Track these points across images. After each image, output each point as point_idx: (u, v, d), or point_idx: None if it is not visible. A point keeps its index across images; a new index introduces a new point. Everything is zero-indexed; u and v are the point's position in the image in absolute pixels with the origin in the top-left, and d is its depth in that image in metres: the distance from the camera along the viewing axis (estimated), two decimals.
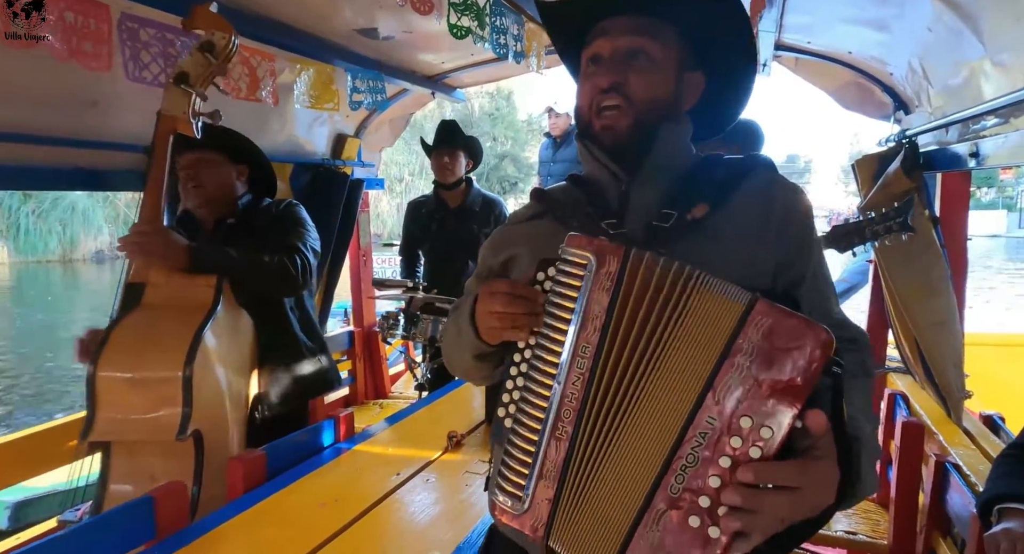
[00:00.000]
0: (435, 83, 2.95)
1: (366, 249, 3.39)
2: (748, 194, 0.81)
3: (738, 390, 0.60)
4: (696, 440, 0.61)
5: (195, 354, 1.41)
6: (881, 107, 2.42)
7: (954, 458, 1.64)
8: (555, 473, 0.67)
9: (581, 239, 0.70)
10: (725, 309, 0.62)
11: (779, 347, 0.59)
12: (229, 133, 1.82)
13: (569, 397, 0.67)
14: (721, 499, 0.60)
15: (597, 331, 0.67)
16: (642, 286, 0.66)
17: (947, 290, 1.97)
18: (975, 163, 1.56)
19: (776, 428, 0.58)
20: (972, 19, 1.36)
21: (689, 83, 0.86)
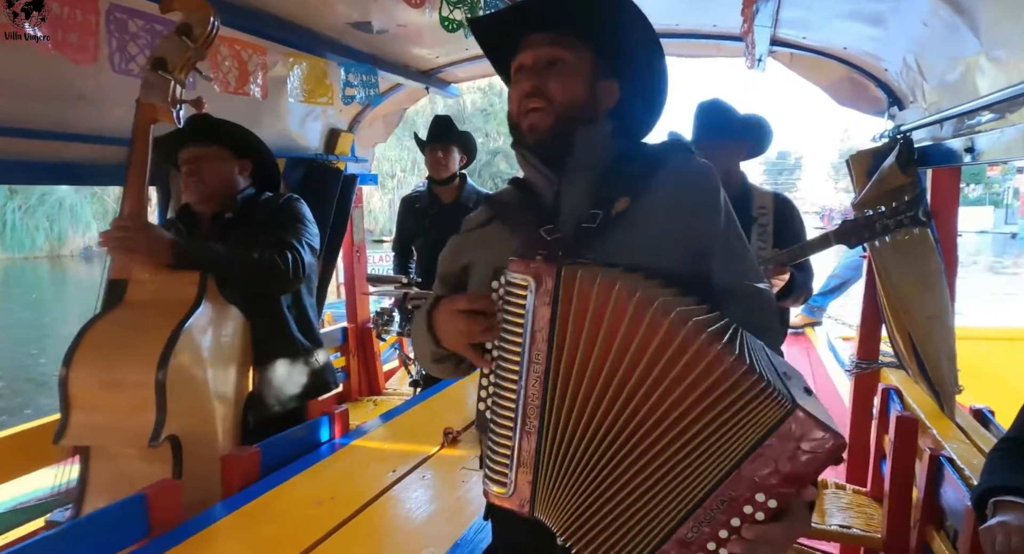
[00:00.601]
0: (429, 78, 2.93)
1: (360, 245, 3.37)
2: (664, 180, 0.93)
3: (757, 474, 0.73)
4: (719, 502, 0.74)
5: (169, 357, 1.37)
6: (875, 103, 2.43)
7: (948, 452, 1.65)
8: (530, 461, 0.81)
9: (520, 264, 0.81)
10: (767, 409, 0.72)
11: (802, 449, 0.72)
12: (233, 127, 1.78)
13: (532, 397, 0.81)
14: (726, 545, 0.74)
15: (544, 341, 0.80)
16: (581, 297, 0.78)
17: (941, 284, 1.98)
18: (970, 158, 1.57)
19: (781, 502, 0.73)
20: (968, 14, 1.36)
21: (604, 89, 0.97)
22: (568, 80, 0.93)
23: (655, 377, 0.75)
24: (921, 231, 1.90)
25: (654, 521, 0.76)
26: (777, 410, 0.72)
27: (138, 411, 1.35)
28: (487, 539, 1.26)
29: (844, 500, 2.19)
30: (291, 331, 1.81)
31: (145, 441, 1.34)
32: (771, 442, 0.72)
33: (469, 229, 1.06)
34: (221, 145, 1.74)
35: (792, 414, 0.72)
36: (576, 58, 0.94)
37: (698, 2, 2.27)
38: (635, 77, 0.99)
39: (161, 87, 1.46)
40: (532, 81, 0.93)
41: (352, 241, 3.27)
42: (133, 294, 1.50)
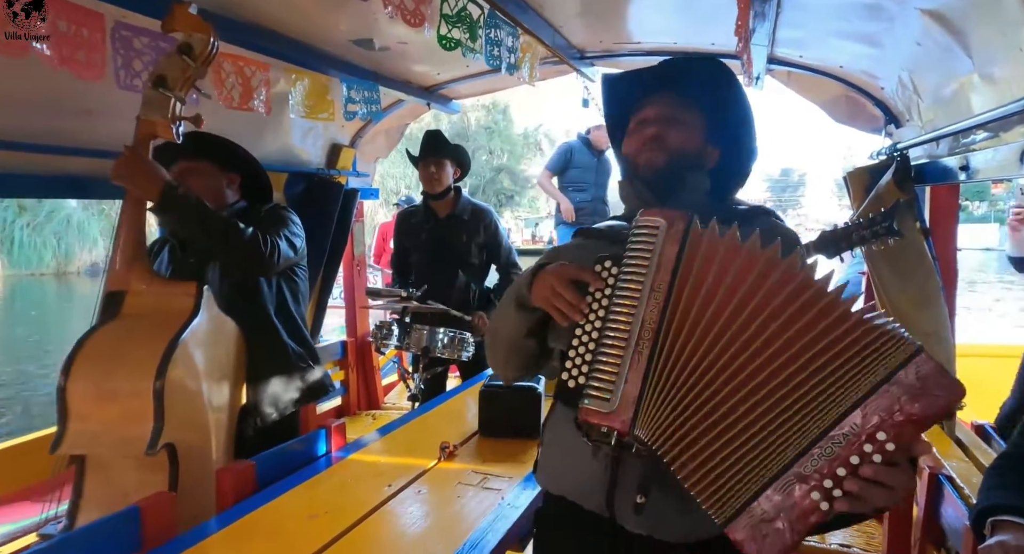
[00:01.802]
0: (430, 94, 2.97)
1: (360, 259, 3.39)
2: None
3: (883, 411, 0.76)
4: (837, 438, 0.77)
5: (167, 366, 1.38)
6: (872, 120, 2.45)
7: (948, 471, 1.64)
8: (638, 378, 0.85)
9: (653, 211, 0.91)
10: (899, 347, 0.77)
11: (927, 389, 0.75)
12: (218, 141, 1.81)
13: (648, 322, 0.86)
14: (842, 484, 0.76)
15: (668, 273, 0.86)
16: (710, 244, 0.86)
17: (939, 301, 1.98)
18: (965, 176, 1.58)
19: (900, 446, 0.75)
20: (960, 34, 1.38)
21: (708, 153, 1.12)
22: (685, 135, 1.09)
23: (787, 316, 0.80)
24: (918, 248, 1.91)
25: (770, 451, 0.78)
26: (904, 350, 0.76)
27: (136, 419, 1.36)
28: (483, 553, 1.25)
29: None
30: (282, 339, 1.82)
31: (142, 449, 1.34)
32: (897, 379, 0.75)
33: (564, 248, 1.19)
34: (208, 160, 1.77)
35: (919, 354, 0.76)
36: (692, 120, 1.10)
37: (696, 21, 2.30)
38: (731, 149, 1.13)
39: (161, 104, 1.49)
40: (655, 131, 1.08)
41: (352, 255, 3.29)
42: (131, 305, 1.51)
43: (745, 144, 1.14)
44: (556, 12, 2.16)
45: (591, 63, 2.70)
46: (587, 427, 0.91)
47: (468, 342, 2.70)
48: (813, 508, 0.76)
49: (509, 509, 1.43)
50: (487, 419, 1.91)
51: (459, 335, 2.68)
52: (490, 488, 1.54)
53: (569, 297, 0.93)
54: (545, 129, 39.32)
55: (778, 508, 0.77)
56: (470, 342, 2.71)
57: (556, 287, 0.94)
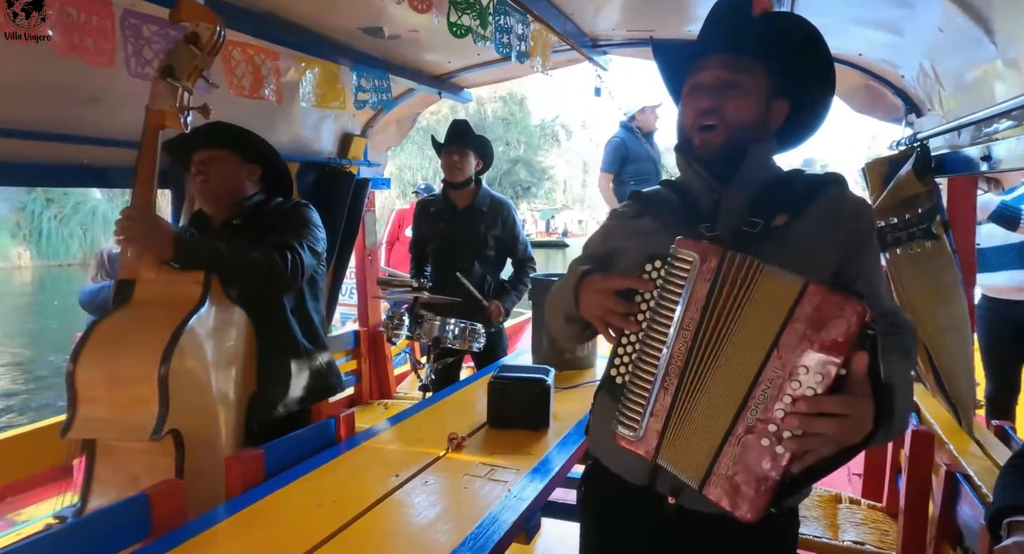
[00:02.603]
0: (442, 83, 2.95)
1: (372, 248, 3.39)
2: (821, 206, 0.99)
3: (797, 347, 0.81)
4: (766, 384, 0.83)
5: (171, 353, 1.39)
6: (892, 110, 2.39)
7: (965, 469, 1.61)
8: (663, 412, 0.91)
9: (689, 242, 0.91)
10: (787, 288, 0.83)
11: (826, 315, 0.79)
12: (243, 133, 1.82)
13: (676, 358, 0.90)
14: (784, 425, 0.81)
15: (699, 311, 0.89)
16: (734, 276, 0.87)
17: (958, 296, 1.93)
18: (987, 167, 1.53)
19: (825, 375, 0.79)
20: (983, 19, 1.33)
21: (775, 109, 1.03)
22: (744, 103, 0.99)
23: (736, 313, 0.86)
24: (936, 242, 1.86)
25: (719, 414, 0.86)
26: (792, 287, 0.81)
27: (141, 405, 1.38)
28: (488, 546, 1.25)
29: (859, 515, 2.13)
30: (294, 334, 1.83)
31: (147, 434, 1.36)
32: (796, 315, 0.81)
33: (618, 219, 1.14)
34: (231, 149, 1.78)
35: (807, 287, 0.81)
36: (752, 80, 1.00)
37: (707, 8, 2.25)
38: (804, 95, 1.04)
39: (169, 94, 1.50)
40: (710, 100, 1.00)
41: (364, 245, 3.29)
42: (140, 293, 1.53)
43: (819, 86, 1.03)
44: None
45: (604, 51, 2.66)
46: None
47: (479, 333, 2.70)
48: (767, 453, 0.82)
49: (515, 501, 1.42)
50: (496, 411, 1.91)
51: (470, 326, 2.68)
52: (497, 480, 1.54)
53: (620, 312, 0.95)
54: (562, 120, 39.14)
55: (737, 461, 0.85)
56: (481, 333, 2.70)
57: (605, 303, 0.96)
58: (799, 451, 0.81)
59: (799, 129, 1.08)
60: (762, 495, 0.83)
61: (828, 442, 0.80)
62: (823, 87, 1.04)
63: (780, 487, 0.83)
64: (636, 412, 0.93)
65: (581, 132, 41.33)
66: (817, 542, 1.94)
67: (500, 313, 2.83)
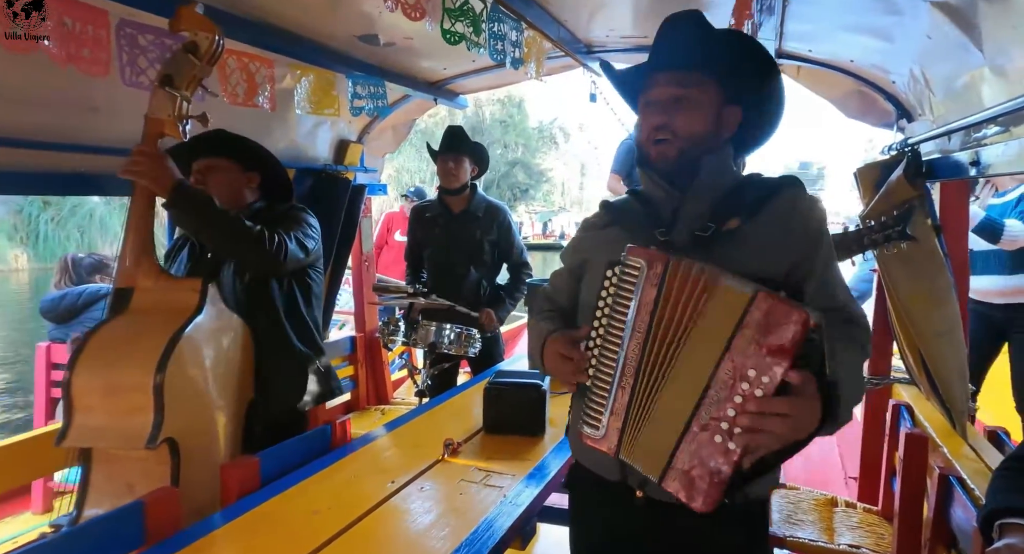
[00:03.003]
0: (437, 89, 2.96)
1: (368, 255, 3.40)
2: (775, 209, 1.04)
3: (746, 351, 0.88)
4: (719, 385, 0.90)
5: (167, 360, 1.40)
6: (884, 115, 2.40)
7: (959, 472, 1.61)
8: (622, 411, 0.99)
9: (637, 249, 0.99)
10: (738, 297, 0.90)
11: (774, 322, 0.86)
12: (242, 141, 1.83)
13: (630, 360, 0.98)
14: (735, 423, 0.89)
15: (648, 315, 0.96)
16: (681, 283, 0.94)
17: (951, 300, 1.94)
18: (976, 171, 1.54)
19: (772, 377, 0.86)
20: (971, 26, 1.35)
21: (727, 117, 1.08)
22: (693, 116, 1.04)
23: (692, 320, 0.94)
24: (929, 245, 1.87)
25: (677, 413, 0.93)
26: (743, 297, 0.88)
27: (136, 413, 1.37)
28: (483, 551, 1.25)
29: (854, 519, 2.14)
30: (290, 340, 1.83)
31: (143, 442, 1.36)
32: (746, 322, 0.88)
33: (588, 229, 1.21)
34: (230, 158, 1.80)
35: (756, 295, 0.88)
36: (701, 92, 1.05)
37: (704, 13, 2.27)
38: (756, 101, 1.09)
39: (168, 103, 1.51)
40: (660, 116, 1.05)
41: (361, 251, 3.30)
42: (138, 301, 1.54)
43: (769, 91, 1.08)
44: (561, 6, 2.14)
45: (598, 58, 2.68)
46: None
47: (475, 338, 2.70)
48: (721, 449, 0.90)
49: (511, 506, 1.43)
50: (491, 416, 1.91)
51: (466, 331, 2.68)
52: (493, 485, 1.55)
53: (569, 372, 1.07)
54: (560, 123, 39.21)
55: (692, 456, 0.92)
56: (477, 338, 2.71)
57: (561, 367, 1.08)
58: (749, 447, 0.89)
59: (755, 132, 1.13)
60: (715, 487, 0.90)
61: (776, 439, 0.88)
62: (771, 92, 1.08)
63: (732, 480, 0.90)
64: (597, 411, 1.01)
65: (579, 135, 41.42)
66: (813, 546, 1.94)
67: (492, 322, 2.84)
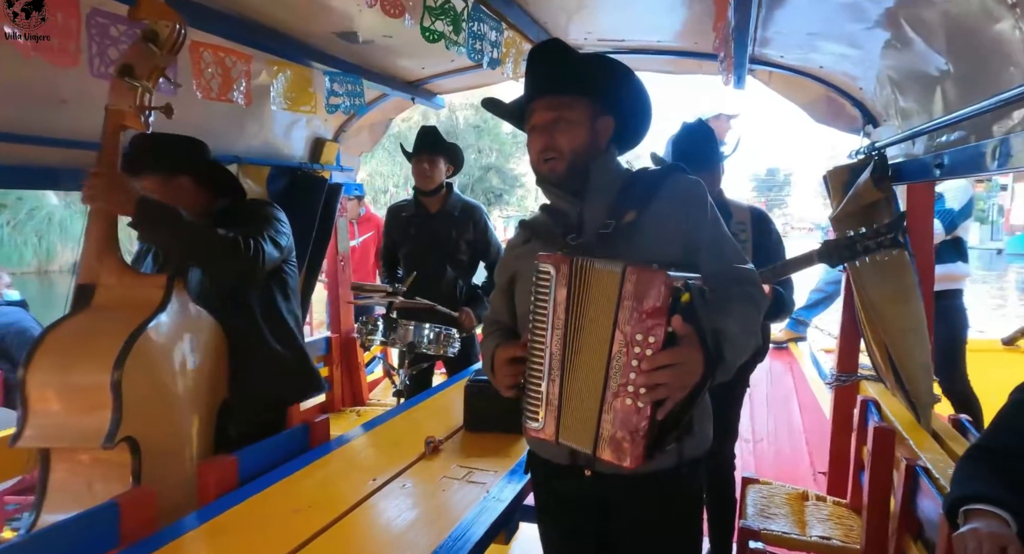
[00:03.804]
0: (415, 89, 2.96)
1: (344, 255, 3.37)
2: (664, 195, 1.18)
3: (630, 319, 1.00)
4: (617, 355, 1.02)
5: (126, 356, 1.35)
6: (851, 121, 2.48)
7: (924, 462, 1.67)
8: (555, 400, 1.09)
9: (545, 256, 1.09)
10: (612, 276, 1.02)
11: (643, 290, 0.99)
12: (156, 149, 1.68)
13: (555, 354, 1.08)
14: (637, 383, 1.00)
15: (563, 312, 1.07)
16: (586, 279, 1.05)
17: (916, 297, 2.01)
18: (940, 173, 1.61)
19: (656, 336, 0.99)
20: (934, 33, 1.41)
21: (602, 127, 1.21)
22: (571, 132, 1.18)
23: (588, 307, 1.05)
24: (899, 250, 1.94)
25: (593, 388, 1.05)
26: (615, 274, 1.00)
27: (94, 410, 1.32)
28: (466, 547, 1.25)
29: (824, 512, 2.20)
30: (265, 338, 1.79)
31: (100, 441, 1.31)
32: (623, 294, 0.99)
33: (512, 248, 1.33)
34: (152, 173, 1.68)
35: (625, 270, 0.99)
36: (574, 112, 1.18)
37: (680, 22, 2.32)
38: (623, 107, 1.23)
39: (128, 93, 1.47)
40: (543, 139, 1.18)
41: (337, 250, 3.26)
42: (100, 298, 1.48)
43: (632, 96, 1.22)
44: (541, 8, 2.17)
45: None
46: None
47: (454, 338, 2.70)
48: (633, 410, 1.01)
49: (494, 502, 1.43)
50: (473, 414, 1.91)
51: (445, 331, 2.68)
52: (475, 482, 1.55)
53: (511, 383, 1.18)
54: None
55: (613, 423, 1.03)
56: (456, 338, 2.71)
57: (503, 377, 1.18)
58: (655, 400, 1.00)
59: (631, 132, 1.27)
60: (638, 444, 1.01)
61: (674, 388, 1.00)
62: (633, 97, 1.23)
63: (652, 433, 1.01)
64: (535, 405, 1.11)
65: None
66: (786, 538, 1.99)
67: (472, 321, 2.84)
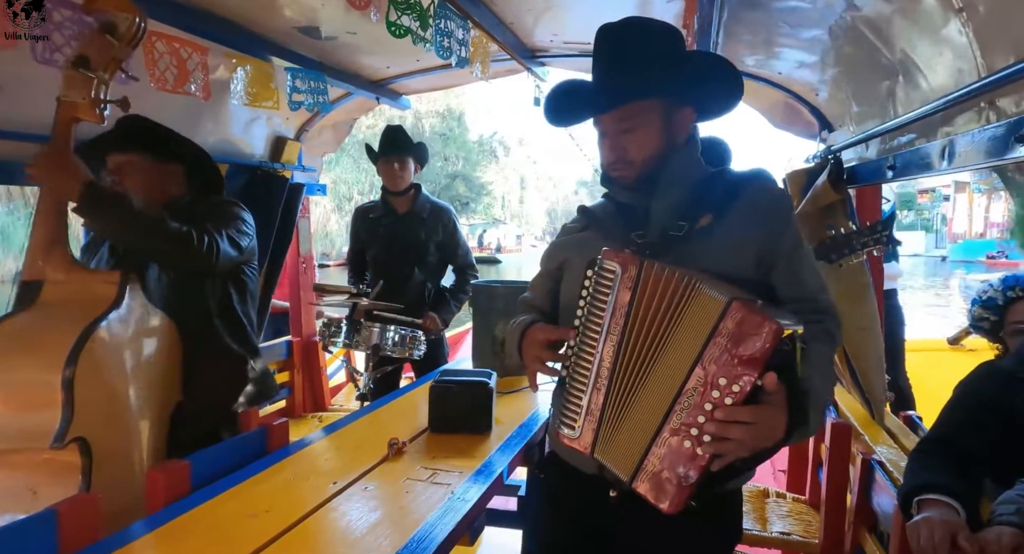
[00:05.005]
0: (380, 88, 2.92)
1: (307, 256, 3.29)
2: (744, 203, 1.07)
3: (718, 359, 0.90)
4: (690, 392, 0.92)
5: (79, 353, 1.29)
6: (808, 126, 2.56)
7: (878, 456, 1.72)
8: (597, 412, 1.01)
9: (611, 253, 1.00)
10: (713, 305, 0.91)
11: (745, 332, 0.87)
12: (159, 132, 1.70)
13: (605, 361, 1.00)
14: (704, 430, 0.90)
15: (622, 317, 0.98)
16: (654, 286, 0.96)
17: (871, 297, 2.08)
18: (892, 175, 1.66)
19: (742, 385, 0.88)
20: (887, 40, 1.46)
21: (679, 121, 1.10)
22: (643, 138, 1.07)
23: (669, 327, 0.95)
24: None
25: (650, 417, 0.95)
26: (716, 305, 0.89)
27: (42, 409, 1.26)
28: (430, 548, 1.22)
29: (785, 508, 2.24)
30: (222, 339, 1.74)
31: (48, 440, 1.25)
32: (719, 330, 0.89)
33: (568, 233, 1.23)
34: (145, 152, 1.66)
35: (730, 305, 0.88)
36: (645, 116, 1.07)
37: None
38: (704, 90, 1.10)
39: (83, 85, 1.42)
40: (611, 150, 1.10)
41: (298, 252, 3.19)
42: (47, 295, 1.42)
43: (712, 80, 1.09)
44: (507, 8, 2.17)
45: (541, 62, 2.72)
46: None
47: (420, 340, 2.66)
48: (690, 454, 0.92)
49: (459, 503, 1.40)
50: (438, 415, 1.88)
51: (411, 333, 2.63)
52: (440, 483, 1.52)
53: (546, 360, 1.09)
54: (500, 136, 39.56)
55: (662, 460, 0.94)
56: (422, 340, 2.67)
57: (537, 354, 1.09)
58: (716, 453, 0.90)
59: (717, 106, 1.13)
60: (683, 491, 0.93)
61: (742, 446, 0.90)
62: (711, 77, 1.09)
63: (699, 483, 0.92)
64: (574, 411, 1.02)
65: (519, 148, 41.89)
66: (748, 534, 2.02)
67: (436, 326, 2.81)
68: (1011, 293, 1.68)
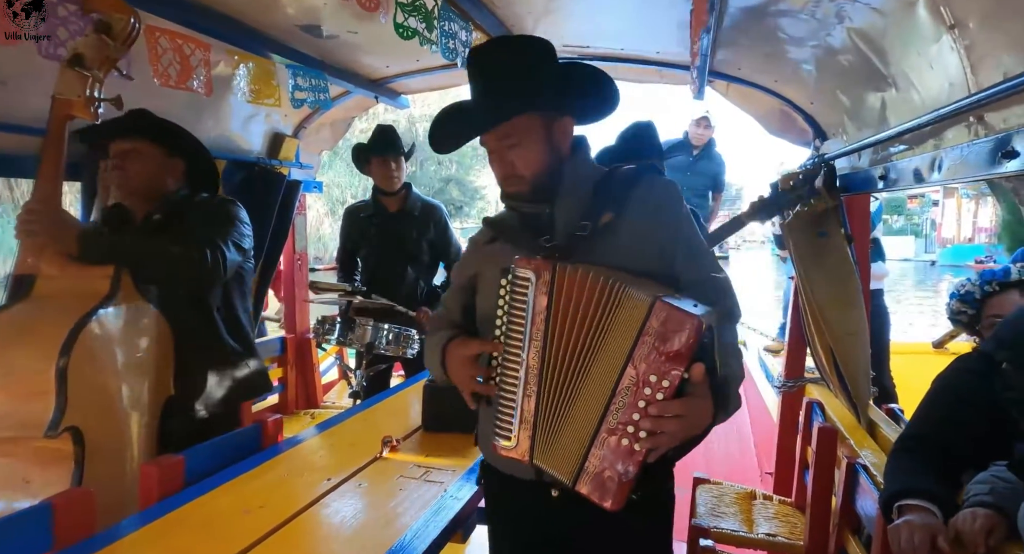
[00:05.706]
0: (379, 87, 2.92)
1: (302, 254, 3.30)
2: (638, 198, 1.12)
3: (647, 357, 0.93)
4: (624, 391, 0.95)
5: (73, 343, 1.31)
6: (802, 134, 2.59)
7: (863, 460, 1.75)
8: (530, 418, 1.02)
9: (524, 260, 1.03)
10: (638, 305, 0.94)
11: (670, 330, 0.91)
12: (166, 125, 1.74)
13: (532, 367, 1.01)
14: (639, 427, 0.94)
15: (543, 322, 1.00)
16: (569, 288, 0.98)
17: (859, 302, 2.11)
18: (884, 185, 1.69)
19: (671, 380, 0.92)
20: (880, 52, 1.49)
21: (560, 130, 1.13)
22: (527, 152, 1.10)
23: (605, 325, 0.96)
24: (842, 252, 2.04)
25: (587, 419, 0.97)
26: (642, 306, 0.93)
27: (36, 398, 1.28)
28: (423, 546, 1.24)
29: (771, 510, 2.27)
30: (220, 334, 1.75)
31: (42, 429, 1.26)
32: (646, 330, 0.92)
33: (475, 247, 1.25)
34: (152, 142, 1.70)
35: (655, 304, 0.91)
36: (526, 130, 1.09)
37: (645, 30, 2.38)
38: (578, 97, 1.13)
39: (78, 83, 1.44)
40: (500, 165, 1.12)
41: (294, 249, 3.19)
42: (41, 288, 1.43)
43: (578, 84, 1.13)
44: (508, 10, 2.18)
45: None
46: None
47: (413, 339, 2.67)
48: (628, 451, 0.95)
49: (452, 501, 1.42)
50: (431, 413, 1.90)
51: (404, 331, 2.65)
52: (433, 481, 1.53)
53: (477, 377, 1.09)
54: None
55: (603, 460, 0.96)
56: (415, 339, 2.68)
57: (466, 372, 1.10)
58: (651, 447, 0.94)
59: (596, 112, 1.17)
60: (624, 487, 0.96)
61: (675, 438, 0.95)
62: (583, 84, 1.13)
63: (638, 477, 0.96)
64: (507, 421, 1.03)
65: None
66: (734, 536, 2.05)
67: (429, 319, 2.82)
68: (988, 287, 1.71)
